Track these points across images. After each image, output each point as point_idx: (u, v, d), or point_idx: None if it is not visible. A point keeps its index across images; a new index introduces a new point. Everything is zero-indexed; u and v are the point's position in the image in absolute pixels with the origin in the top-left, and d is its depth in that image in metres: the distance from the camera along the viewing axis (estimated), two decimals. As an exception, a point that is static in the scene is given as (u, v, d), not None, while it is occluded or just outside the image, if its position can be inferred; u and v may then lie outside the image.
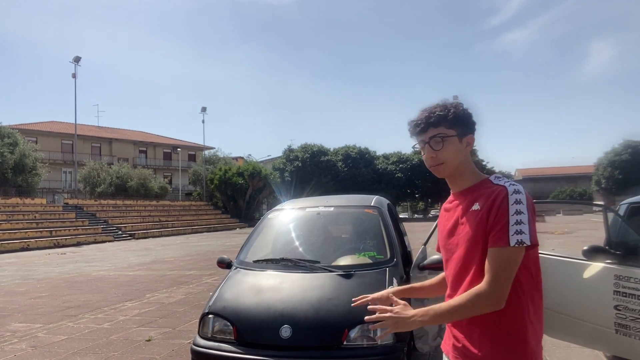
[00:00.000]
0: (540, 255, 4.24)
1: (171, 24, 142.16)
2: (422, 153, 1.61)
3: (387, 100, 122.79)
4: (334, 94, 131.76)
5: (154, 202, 39.47)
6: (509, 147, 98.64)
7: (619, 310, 3.24)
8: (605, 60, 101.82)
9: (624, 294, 3.21)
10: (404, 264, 3.82)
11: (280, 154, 51.40)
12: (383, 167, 47.64)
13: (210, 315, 3.40)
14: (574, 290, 3.61)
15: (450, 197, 1.64)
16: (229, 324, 3.29)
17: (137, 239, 29.41)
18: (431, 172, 1.60)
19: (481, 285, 1.39)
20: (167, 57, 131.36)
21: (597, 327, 3.42)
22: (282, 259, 3.79)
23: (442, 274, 1.74)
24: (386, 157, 49.47)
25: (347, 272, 3.47)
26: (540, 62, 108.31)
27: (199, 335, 3.43)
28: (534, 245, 1.40)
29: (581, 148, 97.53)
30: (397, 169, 46.92)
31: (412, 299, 1.88)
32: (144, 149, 57.18)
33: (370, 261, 3.68)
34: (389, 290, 1.74)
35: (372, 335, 3.06)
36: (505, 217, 1.39)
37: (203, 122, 49.50)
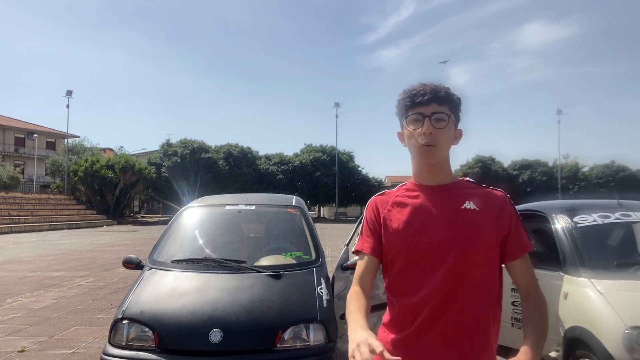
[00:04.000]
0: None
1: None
2: (412, 127, 1.40)
3: (271, 101, 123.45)
4: (217, 91, 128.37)
5: (3, 194, 34.28)
6: (381, 155, 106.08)
7: (515, 305, 3.68)
8: (462, 84, 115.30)
9: (520, 291, 3.65)
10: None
11: (157, 148, 48.43)
12: (265, 167, 47.63)
13: (124, 321, 3.07)
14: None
15: (410, 189, 1.47)
16: (147, 329, 3.01)
17: (-21, 235, 25.22)
18: (419, 152, 1.40)
19: (538, 294, 1.40)
20: (27, 31, 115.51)
21: (495, 321, 3.83)
22: (205, 259, 3.58)
23: (362, 299, 1.40)
24: (268, 157, 49.56)
25: (277, 273, 3.41)
26: (409, 80, 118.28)
27: (110, 343, 3.07)
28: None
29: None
30: (279, 170, 47.33)
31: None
32: (-10, 131, 49.40)
33: (297, 262, 3.65)
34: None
35: (305, 336, 3.04)
36: (521, 224, 1.42)
37: (68, 107, 44.26)
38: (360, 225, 1.54)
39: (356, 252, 1.52)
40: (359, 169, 52.03)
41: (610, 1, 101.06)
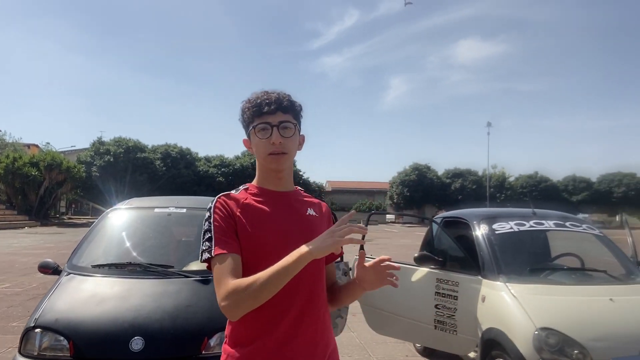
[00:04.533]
0: (372, 260, 4.71)
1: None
2: (260, 137, 1.43)
3: (212, 102, 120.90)
4: (156, 89, 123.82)
5: None
6: (322, 160, 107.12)
7: (438, 308, 3.85)
8: (401, 94, 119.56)
9: (443, 295, 3.83)
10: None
11: (87, 145, 45.85)
12: (204, 169, 46.47)
13: (37, 330, 2.87)
14: (402, 292, 4.14)
15: (257, 193, 1.47)
16: (62, 338, 2.83)
17: None
18: (267, 160, 1.44)
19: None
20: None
21: (419, 324, 3.99)
22: (130, 264, 3.43)
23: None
24: (208, 159, 48.41)
25: (205, 278, 3.33)
26: (351, 88, 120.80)
27: (20, 353, 2.86)
28: None
29: (380, 166, 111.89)
30: (219, 172, 46.36)
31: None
32: None
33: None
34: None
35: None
36: None
37: (-13, 97, 40.91)
38: (210, 225, 1.39)
39: (218, 256, 1.34)
40: (300, 173, 52.16)
41: (536, 24, 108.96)
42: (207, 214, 1.43)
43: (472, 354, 3.72)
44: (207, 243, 1.38)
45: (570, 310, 3.17)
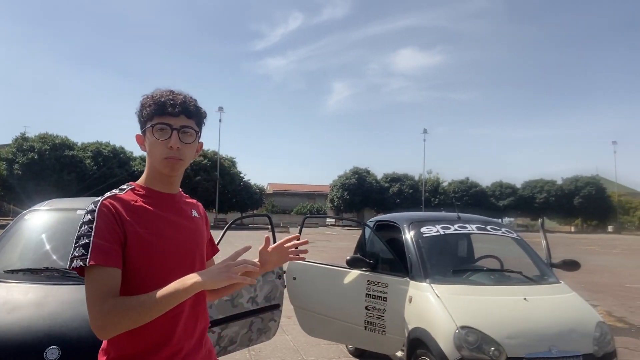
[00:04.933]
0: (308, 263, 4.73)
1: None
2: (157, 137, 1.36)
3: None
4: (88, 84, 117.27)
5: None
6: (264, 162, 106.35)
7: (369, 310, 3.95)
8: (343, 98, 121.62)
9: (373, 296, 3.93)
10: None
11: (9, 141, 42.55)
12: (140, 169, 44.59)
13: (-64, 343, 2.62)
14: (335, 294, 4.21)
15: (146, 194, 1.39)
16: (-34, 351, 2.61)
17: None
18: (162, 163, 1.37)
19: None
20: None
21: (350, 325, 4.07)
22: (47, 269, 3.22)
23: None
24: (144, 159, 46.25)
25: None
26: (294, 90, 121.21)
27: None
28: None
29: (321, 169, 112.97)
30: (155, 172, 44.86)
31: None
32: None
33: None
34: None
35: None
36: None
37: None
38: (90, 230, 1.26)
39: (95, 267, 1.22)
40: (241, 175, 51.56)
41: (470, 37, 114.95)
42: (88, 216, 1.29)
43: (399, 353, 3.84)
44: (81, 249, 1.24)
45: (488, 310, 3.37)
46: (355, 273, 4.10)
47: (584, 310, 3.51)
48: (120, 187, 1.42)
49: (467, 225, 4.28)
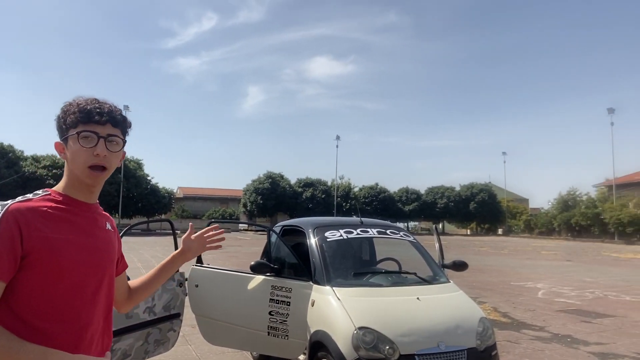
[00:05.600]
0: (211, 269, 4.63)
1: None
2: (82, 144, 1.34)
3: (42, 96, 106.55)
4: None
5: None
6: (173, 165, 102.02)
7: (272, 315, 3.95)
8: (258, 102, 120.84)
9: (277, 301, 3.95)
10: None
11: None
12: (32, 170, 40.53)
13: None
14: (238, 301, 4.16)
15: (61, 201, 1.36)
16: None
17: None
18: (84, 174, 1.35)
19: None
20: None
21: (254, 332, 4.05)
22: None
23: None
24: (36, 159, 42.22)
25: None
26: (208, 92, 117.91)
27: None
28: None
29: (235, 173, 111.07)
30: (50, 174, 40.81)
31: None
32: None
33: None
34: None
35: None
36: None
37: None
38: None
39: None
40: (148, 178, 49.03)
41: (381, 50, 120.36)
42: None
43: (301, 357, 3.89)
44: None
45: (384, 310, 3.53)
46: (259, 278, 4.08)
47: (468, 308, 3.82)
48: (34, 192, 1.38)
49: (368, 230, 4.46)
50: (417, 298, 3.70)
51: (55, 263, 1.26)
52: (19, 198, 1.32)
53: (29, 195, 1.35)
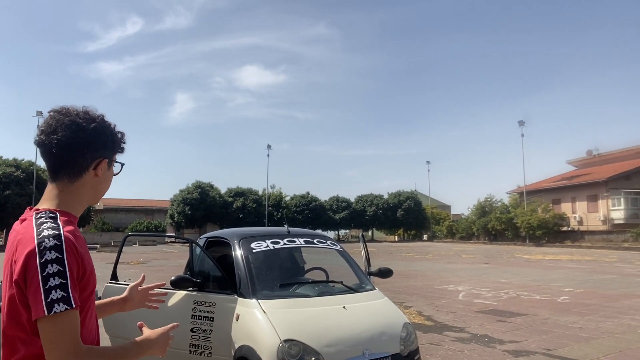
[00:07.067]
0: (125, 286, 4.39)
1: None
2: (112, 172, 1.45)
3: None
4: None
5: None
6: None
7: (194, 332, 3.77)
8: (186, 110, 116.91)
9: (200, 317, 3.78)
10: None
11: None
12: None
13: None
14: (158, 319, 3.92)
15: (74, 222, 1.35)
16: None
17: None
18: (98, 198, 1.42)
19: None
20: None
21: (175, 351, 3.82)
22: None
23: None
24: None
25: None
26: (132, 99, 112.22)
27: None
28: None
29: (160, 183, 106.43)
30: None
31: None
32: None
33: None
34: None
35: None
36: None
37: None
38: (65, 271, 1.16)
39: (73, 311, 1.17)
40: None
41: (311, 61, 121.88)
42: (54, 253, 1.16)
43: (226, 374, 3.74)
44: (60, 291, 1.13)
45: (310, 321, 3.50)
46: (181, 294, 3.89)
47: (393, 314, 3.89)
48: (49, 211, 1.28)
49: (295, 240, 4.42)
50: (343, 307, 3.70)
51: (89, 291, 1.28)
52: (66, 224, 1.25)
53: (61, 219, 1.26)
